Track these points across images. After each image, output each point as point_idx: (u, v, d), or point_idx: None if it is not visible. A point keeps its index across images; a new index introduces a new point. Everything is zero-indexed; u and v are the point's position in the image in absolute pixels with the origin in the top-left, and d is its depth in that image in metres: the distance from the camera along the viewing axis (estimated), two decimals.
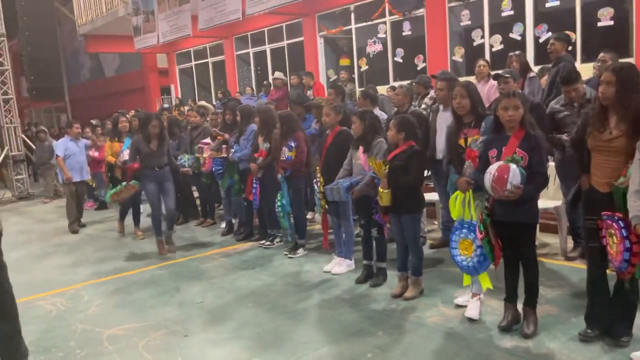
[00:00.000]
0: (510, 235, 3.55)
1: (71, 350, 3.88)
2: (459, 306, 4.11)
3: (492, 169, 3.38)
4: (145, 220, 7.53)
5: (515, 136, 3.45)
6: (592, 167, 3.30)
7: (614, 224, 3.03)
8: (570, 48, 7.50)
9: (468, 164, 3.87)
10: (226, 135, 6.73)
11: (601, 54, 5.32)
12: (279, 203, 5.81)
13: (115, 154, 7.37)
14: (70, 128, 8.50)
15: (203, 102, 11.43)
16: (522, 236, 3.53)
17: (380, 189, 4.23)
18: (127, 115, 11.09)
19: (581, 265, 4.70)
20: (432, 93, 7.18)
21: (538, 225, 4.13)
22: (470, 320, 3.87)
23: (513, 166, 3.31)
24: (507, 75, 5.13)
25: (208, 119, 7.94)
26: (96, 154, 9.62)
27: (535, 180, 3.39)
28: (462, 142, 3.96)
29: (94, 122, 13.15)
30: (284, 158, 5.65)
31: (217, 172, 6.81)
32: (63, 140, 8.47)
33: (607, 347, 3.30)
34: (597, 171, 3.27)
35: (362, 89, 7.79)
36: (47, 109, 25.56)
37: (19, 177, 12.97)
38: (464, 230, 3.79)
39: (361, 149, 4.70)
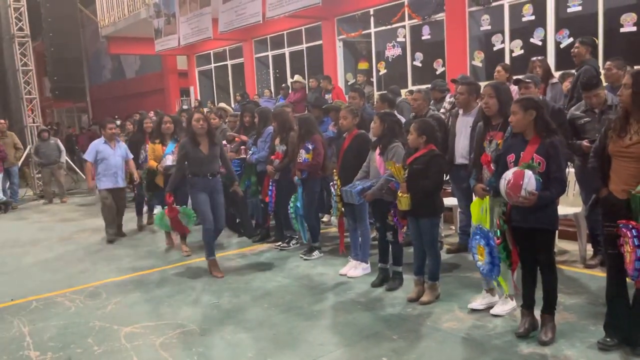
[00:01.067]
0: (529, 241, 3.53)
1: (89, 347, 3.93)
2: (475, 311, 4.09)
3: (508, 174, 3.36)
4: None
5: (532, 141, 3.43)
6: (612, 173, 3.27)
7: (627, 232, 3.01)
8: (592, 52, 7.42)
9: (485, 169, 3.87)
10: (243, 137, 6.78)
11: (607, 63, 5.25)
12: (291, 205, 5.83)
13: (158, 157, 6.73)
14: (104, 129, 7.35)
15: (223, 104, 11.50)
16: (541, 242, 3.50)
17: (399, 193, 4.22)
18: (148, 116, 11.26)
19: (600, 273, 4.64)
20: (448, 98, 7.16)
21: (557, 232, 4.09)
22: (495, 317, 3.95)
23: (528, 172, 3.29)
24: (527, 80, 5.09)
25: (227, 120, 8.00)
26: None
27: (552, 186, 3.35)
28: (485, 144, 3.95)
29: (117, 122, 13.29)
30: (300, 160, 5.67)
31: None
32: (95, 143, 7.36)
33: (626, 356, 3.26)
34: (615, 177, 3.24)
35: (381, 92, 7.79)
36: (69, 109, 25.98)
37: (40, 175, 13.15)
38: (477, 237, 3.83)
39: (378, 150, 4.71)
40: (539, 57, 6.38)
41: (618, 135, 3.19)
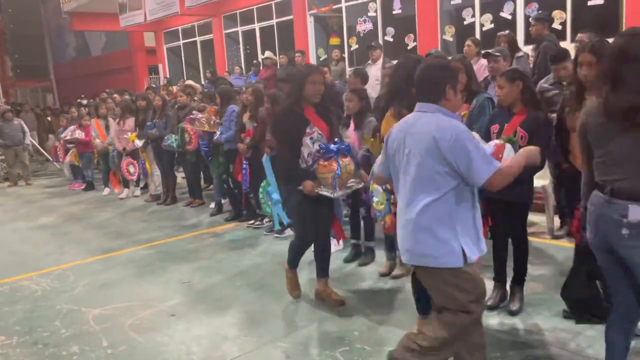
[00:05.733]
0: (503, 213, 3.54)
1: (56, 330, 3.85)
2: None
3: (489, 146, 3.36)
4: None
5: (518, 114, 3.43)
6: (571, 147, 3.29)
7: None
8: (556, 26, 7.47)
9: None
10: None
11: (579, 35, 5.28)
12: (262, 190, 5.75)
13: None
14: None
15: (190, 82, 11.28)
16: (515, 215, 3.53)
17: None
18: (114, 96, 10.98)
19: (567, 244, 4.74)
20: None
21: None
22: None
23: (508, 146, 3.29)
24: (496, 54, 5.09)
25: (196, 98, 7.84)
26: (82, 135, 9.52)
27: None
28: None
29: (83, 102, 12.91)
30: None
31: (205, 152, 6.73)
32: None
33: (589, 323, 3.33)
34: (577, 151, 3.26)
35: (354, 68, 7.72)
36: (33, 88, 25.15)
37: (4, 157, 12.75)
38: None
39: (352, 126, 4.66)
40: (504, 32, 6.40)
41: (576, 110, 3.20)
